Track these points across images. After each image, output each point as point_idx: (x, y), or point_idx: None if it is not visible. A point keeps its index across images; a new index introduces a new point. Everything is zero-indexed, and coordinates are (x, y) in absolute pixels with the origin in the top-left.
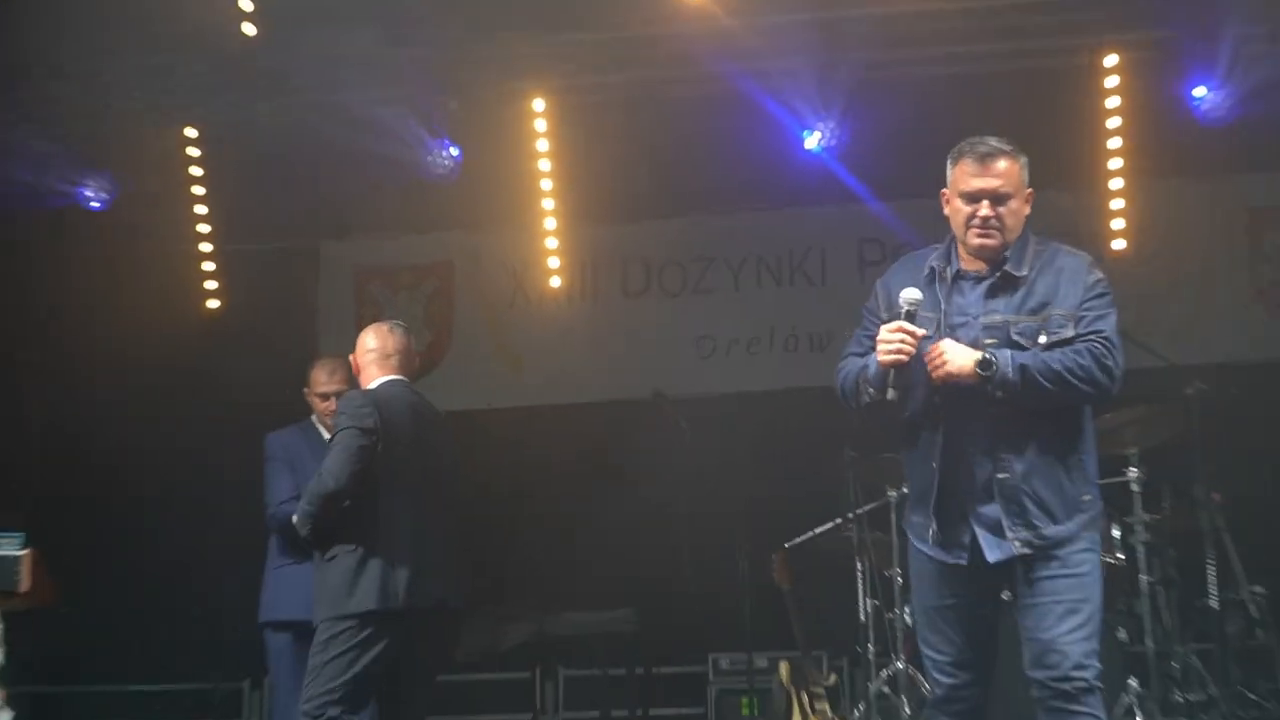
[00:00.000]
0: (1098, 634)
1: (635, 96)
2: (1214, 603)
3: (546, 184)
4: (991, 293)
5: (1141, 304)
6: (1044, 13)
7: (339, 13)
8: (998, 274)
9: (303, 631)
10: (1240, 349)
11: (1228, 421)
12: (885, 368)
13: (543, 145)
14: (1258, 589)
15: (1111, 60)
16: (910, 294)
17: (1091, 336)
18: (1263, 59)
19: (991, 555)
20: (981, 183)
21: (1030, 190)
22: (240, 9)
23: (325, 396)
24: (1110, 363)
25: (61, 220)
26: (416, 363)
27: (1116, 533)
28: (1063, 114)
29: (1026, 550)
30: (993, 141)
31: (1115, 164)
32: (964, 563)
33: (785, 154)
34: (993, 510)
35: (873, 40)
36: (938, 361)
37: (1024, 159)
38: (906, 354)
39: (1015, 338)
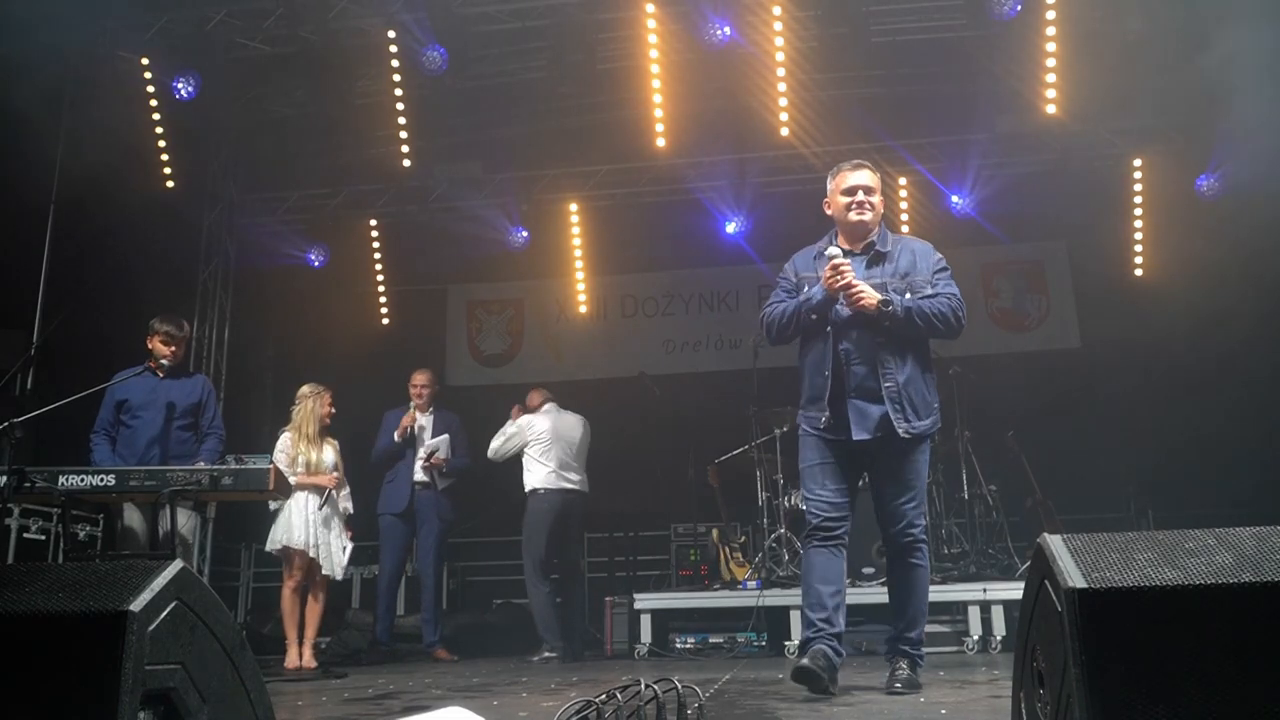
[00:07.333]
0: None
1: (628, 202)
2: (965, 495)
3: (577, 253)
4: (869, 265)
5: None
6: (865, 141)
7: (457, 152)
8: (871, 251)
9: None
10: (980, 347)
11: (973, 389)
12: (832, 292)
13: (575, 230)
14: (992, 487)
15: (903, 180)
16: (834, 249)
17: (948, 296)
18: (990, 178)
19: (858, 435)
20: (856, 179)
21: (882, 198)
22: (401, 151)
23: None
24: (962, 313)
25: (297, 272)
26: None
27: None
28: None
29: (907, 435)
30: (861, 160)
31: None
32: (843, 439)
33: (715, 235)
34: (874, 407)
35: (762, 170)
36: (855, 294)
37: (878, 174)
38: (844, 280)
39: (891, 295)
